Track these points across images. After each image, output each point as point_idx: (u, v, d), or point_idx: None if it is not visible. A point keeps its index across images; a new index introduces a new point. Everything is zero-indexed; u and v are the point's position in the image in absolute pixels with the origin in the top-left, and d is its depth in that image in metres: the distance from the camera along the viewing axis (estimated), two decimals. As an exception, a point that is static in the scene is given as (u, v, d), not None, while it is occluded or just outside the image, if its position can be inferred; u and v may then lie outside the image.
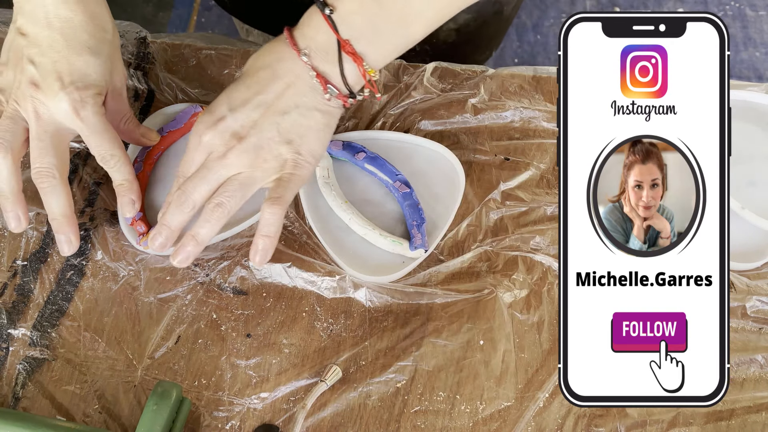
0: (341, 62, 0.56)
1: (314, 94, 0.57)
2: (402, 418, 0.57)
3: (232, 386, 0.58)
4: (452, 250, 0.63)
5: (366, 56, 0.56)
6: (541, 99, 0.70)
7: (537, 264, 0.62)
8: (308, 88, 0.57)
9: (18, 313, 0.61)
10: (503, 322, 0.59)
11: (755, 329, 0.59)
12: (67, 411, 0.57)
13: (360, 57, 0.56)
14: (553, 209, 0.64)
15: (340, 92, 0.57)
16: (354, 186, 0.66)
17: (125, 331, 0.60)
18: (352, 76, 0.57)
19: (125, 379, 0.58)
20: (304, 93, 0.57)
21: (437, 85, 0.70)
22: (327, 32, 0.55)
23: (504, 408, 0.57)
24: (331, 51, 0.56)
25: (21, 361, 0.59)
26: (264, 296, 0.61)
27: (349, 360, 0.59)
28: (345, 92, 0.57)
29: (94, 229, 0.64)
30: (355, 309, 0.61)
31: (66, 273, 0.62)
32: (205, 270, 0.62)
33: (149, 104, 0.70)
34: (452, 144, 0.67)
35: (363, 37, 0.56)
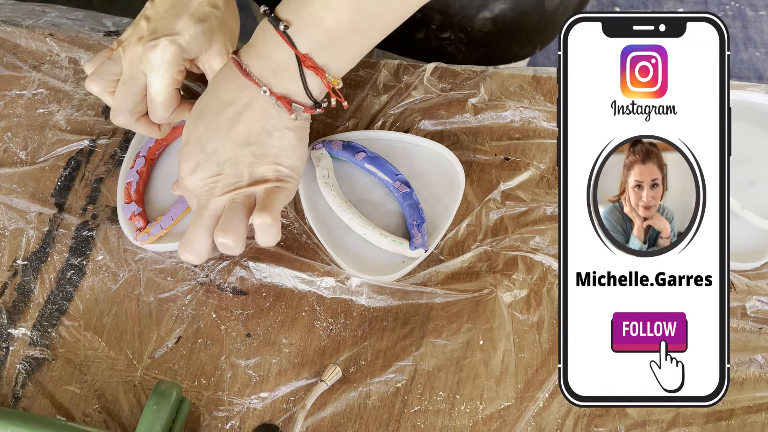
0: (303, 77, 0.55)
1: (280, 115, 0.56)
2: (402, 418, 0.57)
3: (231, 386, 0.58)
4: (452, 250, 0.63)
5: (327, 67, 0.55)
6: (541, 99, 0.70)
7: (537, 264, 0.62)
8: (274, 111, 0.56)
9: (18, 313, 0.61)
10: (503, 322, 0.59)
11: (755, 329, 0.59)
12: (67, 411, 0.57)
13: (321, 69, 0.55)
14: (553, 209, 0.64)
15: (306, 107, 0.56)
16: (354, 186, 0.66)
17: (125, 331, 0.60)
18: (315, 88, 0.56)
19: (125, 379, 0.58)
20: (271, 116, 0.56)
21: (437, 84, 0.70)
22: (284, 49, 0.54)
23: (504, 408, 0.57)
24: (291, 67, 0.55)
25: (21, 360, 0.59)
26: (264, 296, 0.61)
27: (349, 360, 0.59)
28: (310, 105, 0.57)
29: (96, 228, 0.64)
30: (354, 309, 0.61)
31: (66, 273, 0.62)
32: (205, 270, 0.62)
33: (149, 104, 0.70)
34: (452, 144, 0.67)
35: (322, 49, 0.54)
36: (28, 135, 0.69)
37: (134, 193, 0.64)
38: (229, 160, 0.56)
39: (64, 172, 0.67)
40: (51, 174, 0.67)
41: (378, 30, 0.56)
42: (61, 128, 0.70)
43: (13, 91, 0.72)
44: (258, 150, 0.56)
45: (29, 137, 0.69)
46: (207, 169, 0.57)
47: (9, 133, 0.70)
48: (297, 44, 0.54)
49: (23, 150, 0.69)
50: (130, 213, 0.63)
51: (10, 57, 0.73)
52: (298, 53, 0.54)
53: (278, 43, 0.54)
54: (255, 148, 0.56)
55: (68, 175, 0.67)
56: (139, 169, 0.65)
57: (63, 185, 0.67)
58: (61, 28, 0.75)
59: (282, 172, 0.57)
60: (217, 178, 0.57)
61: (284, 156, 0.57)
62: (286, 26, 0.54)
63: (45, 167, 0.68)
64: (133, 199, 0.64)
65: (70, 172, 0.67)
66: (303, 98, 0.56)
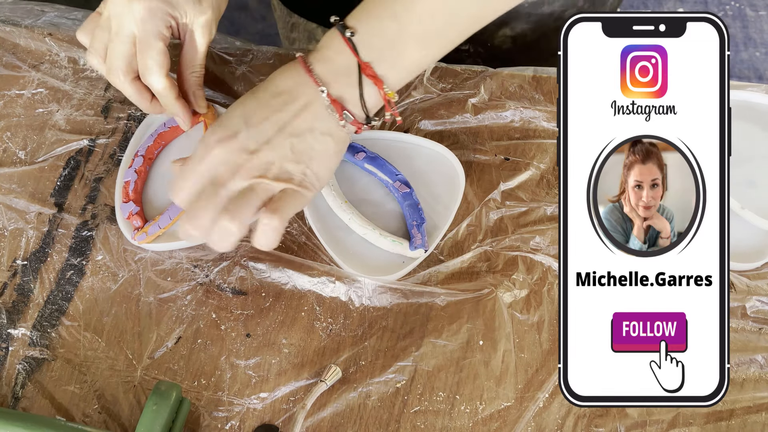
0: (361, 86, 0.55)
1: (330, 119, 0.56)
2: (402, 419, 0.57)
3: (231, 386, 0.58)
4: (452, 250, 0.63)
5: (386, 79, 0.55)
6: (541, 99, 0.70)
7: (537, 264, 0.62)
8: (325, 113, 0.55)
9: (18, 313, 0.61)
10: (503, 322, 0.59)
11: (755, 329, 0.59)
12: (67, 411, 0.57)
13: (380, 80, 0.55)
14: (553, 209, 0.64)
15: (356, 118, 0.56)
16: (354, 186, 0.66)
17: (125, 331, 0.60)
18: (371, 99, 0.56)
19: (125, 379, 0.58)
20: (321, 117, 0.55)
21: (437, 84, 0.70)
22: (348, 55, 0.55)
23: (504, 408, 0.57)
24: (351, 74, 0.55)
25: (21, 361, 0.59)
26: (263, 296, 0.61)
27: (348, 360, 0.59)
28: (361, 116, 0.56)
29: (96, 228, 0.64)
30: (354, 309, 0.61)
31: (66, 273, 0.62)
32: (205, 270, 0.62)
33: (149, 104, 0.70)
34: (452, 144, 0.67)
35: (383, 60, 0.55)
36: (28, 135, 0.69)
37: (132, 192, 0.64)
38: (269, 142, 0.55)
39: (64, 171, 0.67)
40: (50, 174, 0.67)
41: (441, 46, 0.56)
42: (61, 128, 0.70)
43: (12, 90, 0.72)
44: (298, 145, 0.55)
45: (29, 137, 0.69)
46: (243, 141, 0.54)
47: (8, 132, 0.70)
48: (360, 52, 0.54)
49: (23, 150, 0.69)
50: (128, 212, 0.63)
51: (9, 56, 0.73)
52: (360, 61, 0.54)
53: (342, 49, 0.55)
54: (296, 142, 0.55)
55: (68, 174, 0.67)
56: (137, 169, 0.65)
57: (62, 185, 0.67)
58: (60, 27, 0.75)
59: (308, 178, 0.56)
60: (248, 157, 0.54)
61: (317, 162, 0.56)
62: (352, 33, 0.54)
63: (44, 167, 0.68)
64: (131, 199, 0.64)
65: (69, 171, 0.67)
66: (356, 108, 0.56)
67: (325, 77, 0.55)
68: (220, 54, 0.73)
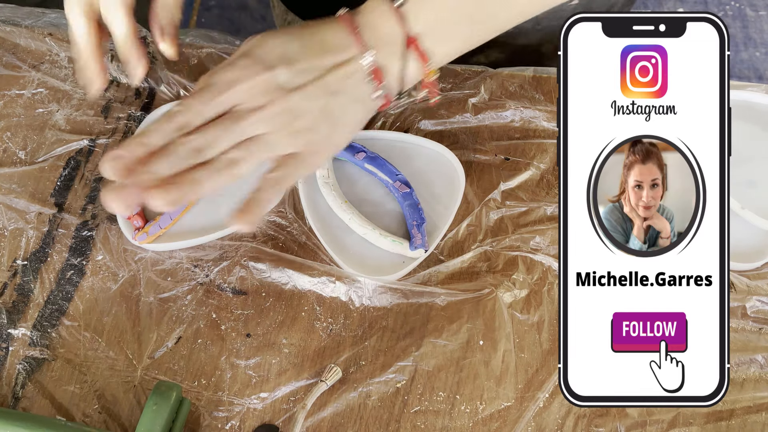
0: (404, 59, 0.52)
1: (366, 87, 0.52)
2: (402, 418, 0.57)
3: (231, 386, 0.58)
4: (452, 250, 0.63)
5: (431, 55, 0.52)
6: (541, 99, 0.70)
7: (537, 264, 0.62)
8: (363, 79, 0.52)
9: (18, 313, 0.61)
10: (503, 322, 0.59)
11: (755, 329, 0.59)
12: (67, 411, 0.57)
13: (426, 56, 0.52)
14: (553, 209, 0.64)
15: (390, 91, 0.53)
16: (354, 186, 0.66)
17: (125, 331, 0.60)
18: (412, 74, 0.53)
19: (125, 379, 0.58)
20: (358, 82, 0.52)
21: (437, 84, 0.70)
22: (394, 25, 0.51)
23: (504, 408, 0.57)
24: (395, 45, 0.52)
25: (21, 360, 0.59)
26: (263, 296, 0.61)
27: (349, 360, 0.59)
28: (394, 90, 0.53)
29: (96, 228, 0.64)
30: (354, 309, 0.61)
31: (66, 273, 0.62)
32: (205, 270, 0.62)
33: (150, 102, 0.70)
34: (452, 144, 0.67)
35: (431, 34, 0.52)
36: (28, 135, 0.69)
37: None
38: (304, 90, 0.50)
39: (64, 171, 0.67)
40: (50, 174, 0.67)
41: (492, 27, 0.54)
42: (61, 128, 0.70)
43: (12, 90, 0.72)
44: (331, 104, 0.51)
45: (29, 137, 0.69)
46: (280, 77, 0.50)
47: (8, 132, 0.70)
48: (409, 24, 0.52)
49: (23, 150, 0.69)
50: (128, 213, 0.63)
51: (9, 56, 0.73)
52: (407, 33, 0.52)
53: (389, 17, 0.51)
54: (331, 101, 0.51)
55: (68, 174, 0.67)
56: None
57: (62, 185, 0.67)
58: (60, 28, 0.75)
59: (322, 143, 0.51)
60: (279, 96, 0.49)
61: (341, 127, 0.52)
62: (402, 2, 0.51)
63: (44, 167, 0.68)
64: (132, 199, 0.64)
65: (69, 171, 0.67)
66: (394, 80, 0.53)
67: (370, 43, 0.52)
68: (220, 54, 0.73)
